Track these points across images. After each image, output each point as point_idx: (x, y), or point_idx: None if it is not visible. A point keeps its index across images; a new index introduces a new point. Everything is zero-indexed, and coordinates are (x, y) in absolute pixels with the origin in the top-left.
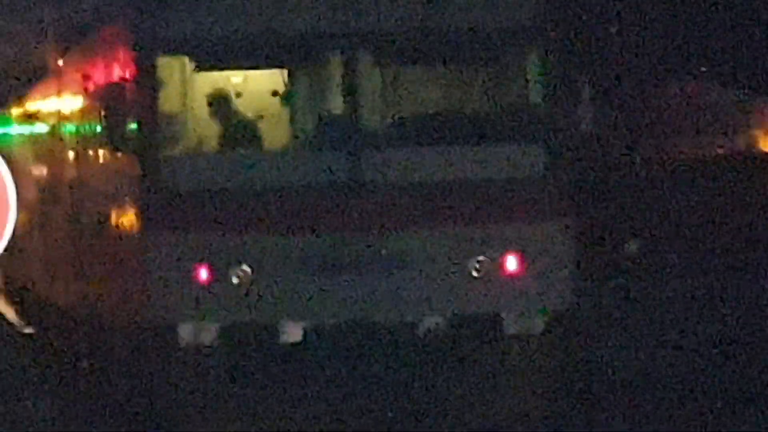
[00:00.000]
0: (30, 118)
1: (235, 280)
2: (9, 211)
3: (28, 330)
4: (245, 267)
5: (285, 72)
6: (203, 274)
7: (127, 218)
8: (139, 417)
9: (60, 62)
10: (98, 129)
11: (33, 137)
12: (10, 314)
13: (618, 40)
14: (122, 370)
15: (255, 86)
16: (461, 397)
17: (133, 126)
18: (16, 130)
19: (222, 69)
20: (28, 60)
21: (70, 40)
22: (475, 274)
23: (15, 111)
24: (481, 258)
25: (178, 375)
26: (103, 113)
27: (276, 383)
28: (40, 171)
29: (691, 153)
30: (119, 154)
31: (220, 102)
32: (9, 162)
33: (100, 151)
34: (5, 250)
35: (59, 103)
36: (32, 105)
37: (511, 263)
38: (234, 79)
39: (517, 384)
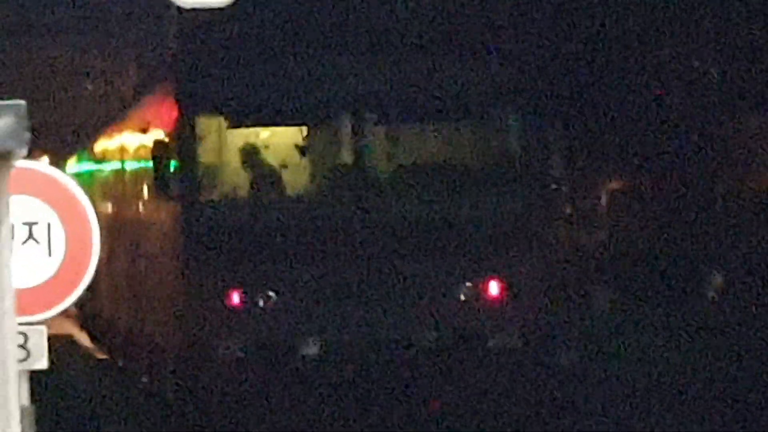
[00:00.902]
0: (101, 156)
1: (261, 303)
2: (93, 248)
3: (101, 355)
4: (270, 292)
5: (305, 129)
6: (235, 298)
7: (173, 252)
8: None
9: (130, 109)
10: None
11: (103, 174)
12: (85, 340)
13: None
14: (174, 383)
15: (280, 140)
16: (451, 403)
17: (177, 174)
18: (89, 167)
19: (252, 126)
20: (109, 100)
21: (146, 86)
22: (462, 297)
23: (92, 149)
24: (468, 284)
25: (214, 384)
26: (151, 163)
27: (296, 389)
28: (106, 206)
29: None
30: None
31: (250, 154)
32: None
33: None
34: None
35: (125, 145)
36: (105, 144)
37: (494, 288)
38: (262, 134)
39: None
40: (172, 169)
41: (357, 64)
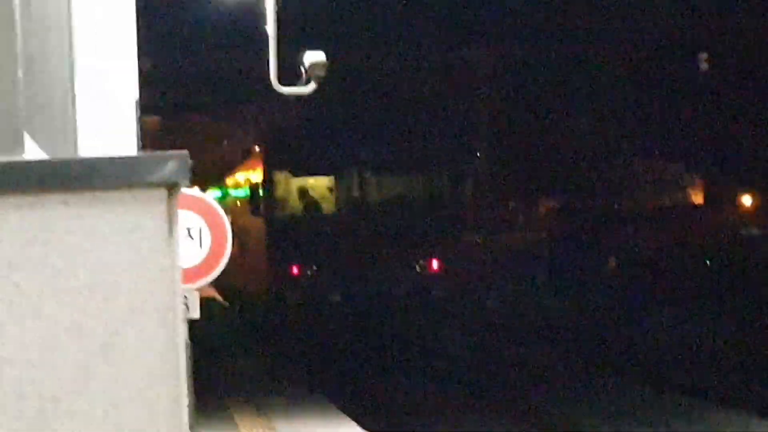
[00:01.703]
0: (229, 187)
1: (309, 273)
2: (227, 243)
3: (226, 304)
4: (314, 266)
5: (333, 178)
6: (294, 270)
7: (261, 243)
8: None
9: (242, 161)
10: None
11: (230, 198)
12: (217, 296)
13: None
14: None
15: (320, 184)
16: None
17: (264, 201)
18: (218, 194)
19: (304, 176)
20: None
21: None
22: (417, 269)
23: (225, 182)
24: (420, 261)
25: (285, 316)
26: (249, 196)
27: (326, 321)
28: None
29: None
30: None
31: (303, 192)
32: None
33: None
34: None
35: (238, 181)
36: (228, 181)
37: (434, 264)
38: (310, 180)
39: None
40: (260, 201)
41: (361, 141)
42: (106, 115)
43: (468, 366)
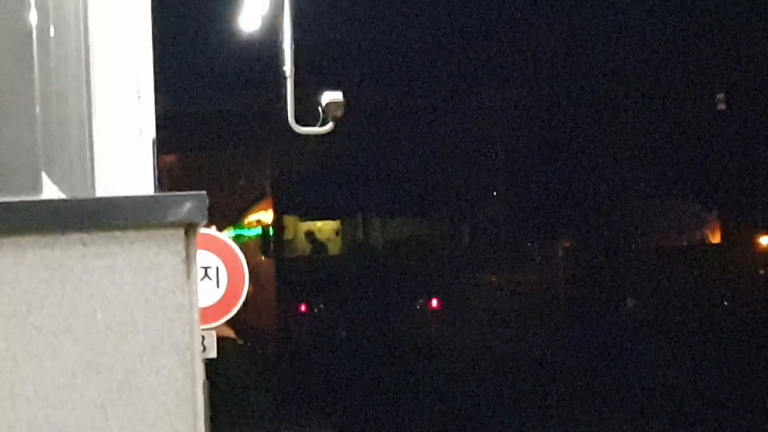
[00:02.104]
0: (243, 227)
1: (316, 310)
2: (245, 283)
3: (240, 341)
4: (321, 305)
5: (339, 221)
6: (303, 307)
7: (272, 282)
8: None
9: (254, 205)
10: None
11: (244, 238)
12: (232, 334)
13: None
14: (274, 350)
15: (327, 227)
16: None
17: (274, 243)
18: (234, 233)
19: (312, 220)
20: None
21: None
22: (417, 307)
23: (242, 221)
24: (420, 300)
25: (293, 351)
26: (260, 237)
27: (332, 356)
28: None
29: None
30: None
31: (310, 235)
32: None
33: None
34: None
35: (251, 222)
36: (245, 220)
37: (434, 303)
38: (318, 224)
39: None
40: (271, 242)
41: (366, 188)
42: (124, 154)
43: (471, 402)
